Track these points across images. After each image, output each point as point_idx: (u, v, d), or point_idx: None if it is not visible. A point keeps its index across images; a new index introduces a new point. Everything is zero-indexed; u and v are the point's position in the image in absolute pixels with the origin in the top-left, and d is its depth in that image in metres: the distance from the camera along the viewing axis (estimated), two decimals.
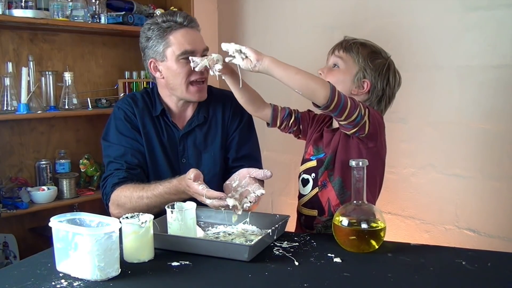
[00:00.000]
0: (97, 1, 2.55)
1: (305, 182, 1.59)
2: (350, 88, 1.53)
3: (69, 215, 1.22)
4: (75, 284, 1.13)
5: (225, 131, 1.77)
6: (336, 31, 2.46)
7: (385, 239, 1.33)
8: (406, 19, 2.27)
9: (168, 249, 1.32)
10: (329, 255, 1.28)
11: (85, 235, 1.12)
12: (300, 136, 1.67)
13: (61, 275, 1.18)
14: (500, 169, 2.03)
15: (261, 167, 1.65)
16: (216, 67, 1.46)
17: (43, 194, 2.41)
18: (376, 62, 1.53)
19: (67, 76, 2.51)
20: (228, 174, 1.58)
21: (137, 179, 1.62)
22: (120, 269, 1.17)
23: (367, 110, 1.41)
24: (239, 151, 1.76)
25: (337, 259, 1.25)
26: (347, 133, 1.46)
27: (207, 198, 1.35)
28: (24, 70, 2.30)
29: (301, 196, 1.61)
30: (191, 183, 1.39)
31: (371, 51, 1.54)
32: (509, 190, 2.01)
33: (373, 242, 1.30)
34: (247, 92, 1.60)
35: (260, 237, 1.32)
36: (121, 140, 1.69)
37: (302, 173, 1.60)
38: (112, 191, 1.61)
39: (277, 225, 1.38)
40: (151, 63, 1.69)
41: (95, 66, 2.81)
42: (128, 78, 2.84)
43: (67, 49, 2.68)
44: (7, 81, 2.33)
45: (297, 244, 1.37)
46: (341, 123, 1.42)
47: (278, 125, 1.63)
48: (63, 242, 1.17)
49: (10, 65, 2.35)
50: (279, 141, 1.75)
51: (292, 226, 1.61)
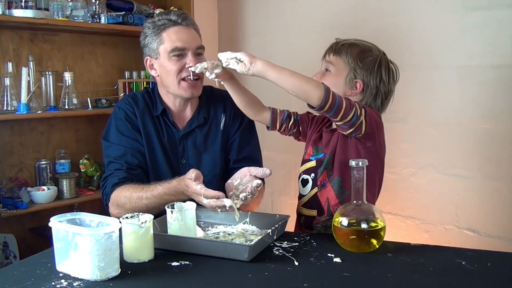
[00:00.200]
0: (97, 1, 2.55)
1: (304, 182, 1.59)
2: (343, 90, 1.52)
3: (69, 215, 1.22)
4: (75, 284, 1.13)
5: (225, 133, 1.77)
6: (336, 31, 2.45)
7: (385, 239, 1.33)
8: (406, 19, 2.27)
9: (168, 249, 1.32)
10: (329, 255, 1.28)
11: (85, 235, 1.12)
12: (300, 138, 1.68)
13: (61, 275, 1.18)
14: (500, 169, 2.03)
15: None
16: (216, 71, 1.48)
17: (43, 194, 2.41)
18: (366, 60, 1.52)
19: (67, 76, 2.51)
20: (228, 175, 1.58)
21: (137, 180, 1.62)
22: (120, 269, 1.17)
23: (363, 110, 1.41)
24: (240, 152, 1.76)
25: (337, 259, 1.25)
26: (344, 133, 1.46)
27: (205, 197, 1.35)
28: (24, 70, 2.29)
29: (301, 196, 1.61)
30: (189, 183, 1.39)
31: (360, 50, 1.53)
32: (509, 190, 2.01)
33: (373, 242, 1.30)
34: (245, 96, 1.62)
35: (260, 237, 1.32)
36: (121, 140, 1.69)
37: (302, 174, 1.61)
38: (112, 191, 1.61)
39: (277, 225, 1.38)
40: (147, 61, 1.72)
41: (95, 66, 2.81)
42: (128, 78, 2.84)
43: (67, 49, 2.67)
44: (7, 81, 2.32)
45: (297, 244, 1.37)
46: (337, 123, 1.43)
47: (277, 128, 1.64)
48: (63, 242, 1.17)
49: (10, 65, 2.35)
50: (279, 141, 1.75)
51: (292, 226, 1.61)
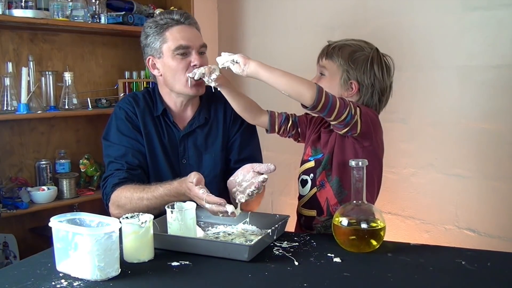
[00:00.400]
0: (97, 1, 2.55)
1: (304, 183, 1.59)
2: (339, 93, 1.52)
3: (69, 215, 1.22)
4: (75, 284, 1.13)
5: (226, 133, 1.77)
6: (336, 31, 2.46)
7: (385, 239, 1.33)
8: (406, 19, 2.27)
9: (168, 249, 1.32)
10: (329, 255, 1.28)
11: (85, 235, 1.12)
12: (299, 139, 1.68)
13: (61, 275, 1.18)
14: (499, 169, 2.03)
15: None
16: (212, 76, 1.52)
17: (43, 194, 2.41)
18: (357, 60, 1.52)
19: (67, 76, 2.51)
20: (228, 175, 1.58)
21: (138, 180, 1.62)
22: (120, 269, 1.17)
23: (358, 109, 1.42)
24: (241, 153, 1.76)
25: (337, 259, 1.25)
26: (340, 133, 1.47)
27: (207, 202, 1.35)
28: (24, 70, 2.29)
29: (300, 197, 1.61)
30: (192, 186, 1.39)
31: (351, 51, 1.53)
32: (509, 190, 2.01)
33: (373, 241, 1.30)
34: (242, 101, 1.63)
35: (260, 237, 1.32)
36: (122, 140, 1.69)
37: (301, 174, 1.61)
38: (112, 191, 1.61)
39: (277, 225, 1.38)
40: (149, 61, 1.70)
41: (95, 66, 2.81)
42: (128, 78, 2.84)
43: (67, 49, 2.67)
44: (7, 81, 2.32)
45: (297, 244, 1.37)
46: (332, 123, 1.44)
47: (276, 130, 1.65)
48: (63, 242, 1.17)
49: (10, 65, 2.35)
50: (279, 141, 1.75)
51: (292, 227, 1.61)
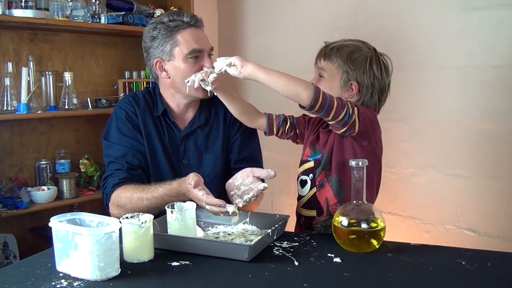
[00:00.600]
0: (97, 1, 2.55)
1: (303, 183, 1.59)
2: (339, 94, 1.52)
3: (69, 215, 1.22)
4: (75, 284, 1.13)
5: (226, 133, 1.77)
6: (336, 31, 2.46)
7: (385, 239, 1.33)
8: (406, 19, 2.27)
9: (168, 249, 1.32)
10: (329, 255, 1.28)
11: (85, 235, 1.12)
12: (298, 141, 1.69)
13: (61, 275, 1.18)
14: (499, 169, 2.03)
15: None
16: (210, 77, 1.52)
17: (43, 194, 2.41)
18: (356, 60, 1.52)
19: (67, 76, 2.51)
20: (229, 175, 1.58)
21: (138, 180, 1.62)
22: (120, 269, 1.17)
23: (355, 109, 1.42)
24: (241, 153, 1.76)
25: (337, 259, 1.25)
26: (338, 132, 1.47)
27: (207, 204, 1.35)
28: (24, 70, 2.29)
29: (300, 197, 1.61)
30: (191, 188, 1.39)
31: (349, 51, 1.53)
32: (509, 190, 2.01)
33: (373, 241, 1.30)
34: (240, 105, 1.64)
35: (260, 237, 1.32)
36: (122, 140, 1.69)
37: (300, 175, 1.61)
38: (112, 191, 1.60)
39: (277, 225, 1.38)
40: (156, 63, 1.67)
41: (95, 66, 2.81)
42: (128, 78, 2.84)
43: (67, 49, 2.67)
44: (7, 81, 2.32)
45: (297, 244, 1.37)
46: (330, 122, 1.44)
47: (275, 132, 1.66)
48: (63, 242, 1.17)
49: (10, 65, 2.35)
50: (279, 141, 1.75)
51: (292, 227, 1.61)
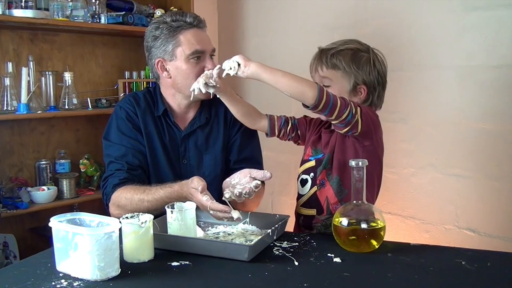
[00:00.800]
0: (97, 1, 2.55)
1: (303, 182, 1.59)
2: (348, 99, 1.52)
3: (69, 215, 1.22)
4: (75, 284, 1.13)
5: (226, 133, 1.77)
6: (336, 31, 2.46)
7: (385, 239, 1.33)
8: (406, 19, 2.27)
9: (168, 249, 1.32)
10: (329, 255, 1.28)
11: (85, 235, 1.12)
12: (299, 142, 1.69)
13: (61, 275, 1.18)
14: (500, 169, 2.03)
15: (262, 169, 1.65)
16: (211, 81, 1.51)
17: (43, 194, 2.41)
18: (360, 63, 1.53)
19: (67, 76, 2.51)
20: (228, 176, 1.58)
21: (138, 180, 1.62)
22: (120, 269, 1.17)
23: (358, 108, 1.42)
24: (241, 153, 1.76)
25: (337, 259, 1.25)
26: (340, 132, 1.47)
27: (211, 210, 1.35)
28: (24, 70, 2.29)
29: (299, 196, 1.61)
30: (195, 193, 1.39)
31: (351, 54, 1.53)
32: (509, 190, 2.01)
33: (373, 241, 1.30)
34: (242, 106, 1.64)
35: (260, 237, 1.32)
36: (122, 140, 1.69)
37: (301, 174, 1.61)
38: (112, 191, 1.60)
39: (277, 225, 1.38)
40: (158, 63, 1.67)
41: (95, 66, 2.81)
42: (128, 78, 2.84)
43: (67, 49, 2.67)
44: (7, 81, 2.32)
45: (297, 244, 1.37)
46: (333, 122, 1.45)
47: (276, 134, 1.66)
48: (63, 242, 1.17)
49: (10, 65, 2.35)
50: (279, 141, 1.75)
51: (291, 227, 1.61)
